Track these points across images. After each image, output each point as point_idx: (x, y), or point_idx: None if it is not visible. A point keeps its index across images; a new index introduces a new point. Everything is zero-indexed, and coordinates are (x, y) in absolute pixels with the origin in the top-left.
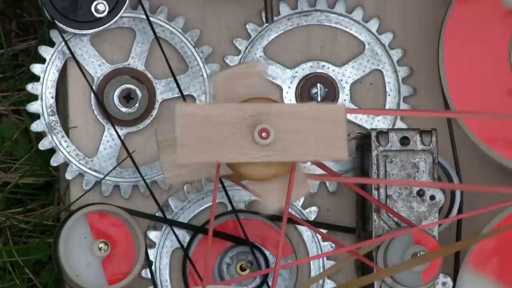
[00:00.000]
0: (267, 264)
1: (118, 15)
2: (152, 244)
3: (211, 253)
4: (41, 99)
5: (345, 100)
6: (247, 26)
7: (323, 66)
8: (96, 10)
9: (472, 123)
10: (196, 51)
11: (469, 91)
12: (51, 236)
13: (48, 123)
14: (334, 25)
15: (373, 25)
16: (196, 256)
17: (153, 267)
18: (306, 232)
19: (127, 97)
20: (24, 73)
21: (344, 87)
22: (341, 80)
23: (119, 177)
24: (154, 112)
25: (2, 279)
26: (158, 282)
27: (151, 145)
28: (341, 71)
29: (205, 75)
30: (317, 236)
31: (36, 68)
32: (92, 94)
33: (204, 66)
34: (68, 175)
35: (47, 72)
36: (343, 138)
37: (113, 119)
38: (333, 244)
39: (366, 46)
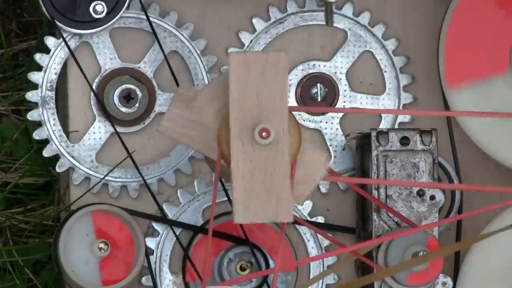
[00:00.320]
0: (267, 264)
1: (117, 17)
2: (150, 251)
3: (211, 253)
4: (45, 71)
5: (345, 91)
6: (248, 25)
7: (323, 66)
8: (95, 11)
9: (472, 122)
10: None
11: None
12: (51, 236)
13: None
14: (335, 25)
15: (377, 30)
16: (196, 256)
17: (153, 267)
18: (306, 232)
19: (127, 97)
20: (24, 73)
21: (341, 79)
22: (340, 78)
23: (123, 177)
24: (153, 113)
25: (2, 279)
26: (158, 282)
27: (151, 145)
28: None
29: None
30: (317, 236)
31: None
32: (92, 94)
33: (208, 78)
34: (58, 169)
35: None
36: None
37: (113, 119)
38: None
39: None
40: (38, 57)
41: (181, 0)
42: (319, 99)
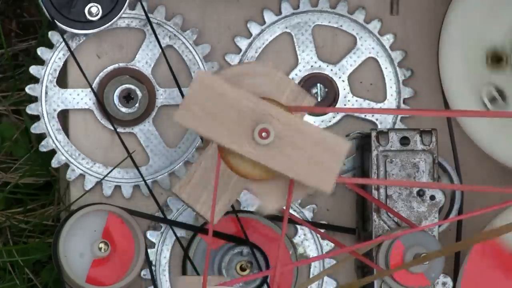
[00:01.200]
0: (267, 264)
1: (110, 22)
2: (151, 244)
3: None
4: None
5: (345, 90)
6: (248, 25)
7: (323, 66)
8: (90, 13)
9: (472, 122)
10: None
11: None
12: (51, 236)
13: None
14: (334, 25)
15: (374, 27)
16: (196, 256)
17: (153, 267)
18: (306, 232)
19: (127, 97)
20: (24, 73)
21: (343, 81)
22: (343, 80)
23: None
24: (154, 113)
25: (2, 279)
26: (158, 282)
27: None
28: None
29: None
30: (317, 236)
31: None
32: (92, 94)
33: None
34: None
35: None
36: (335, 172)
37: (113, 119)
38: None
39: (360, 42)
40: (29, 88)
41: (182, 1)
42: (319, 99)
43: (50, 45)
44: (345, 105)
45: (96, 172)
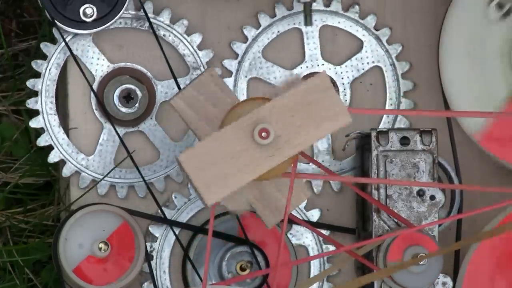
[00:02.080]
0: (267, 264)
1: (110, 22)
2: (153, 239)
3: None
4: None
5: (346, 100)
6: (245, 26)
7: (323, 66)
8: (84, 13)
9: (472, 123)
10: (198, 55)
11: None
12: (51, 236)
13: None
14: (334, 24)
15: (375, 27)
16: (196, 256)
17: (153, 267)
18: (306, 231)
19: (127, 97)
20: (24, 73)
21: (345, 87)
22: (342, 79)
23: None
24: (154, 112)
25: (2, 279)
26: (158, 282)
27: (151, 145)
28: (340, 70)
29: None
30: (317, 236)
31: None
32: (92, 94)
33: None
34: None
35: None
36: (339, 104)
37: (113, 119)
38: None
39: (365, 44)
40: (31, 83)
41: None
42: None
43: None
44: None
45: (96, 172)
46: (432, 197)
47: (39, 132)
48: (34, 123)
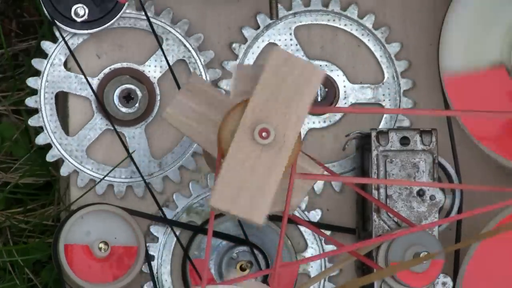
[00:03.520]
0: (267, 264)
1: (110, 22)
2: (154, 239)
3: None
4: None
5: (345, 103)
6: (244, 27)
7: (323, 66)
8: (76, 13)
9: (472, 122)
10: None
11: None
12: (51, 236)
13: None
14: (333, 24)
15: (376, 29)
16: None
17: (153, 267)
18: (307, 231)
19: (127, 97)
20: (24, 73)
21: (338, 75)
22: (337, 75)
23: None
24: (154, 112)
25: (2, 279)
26: (159, 282)
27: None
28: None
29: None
30: (318, 236)
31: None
32: (92, 94)
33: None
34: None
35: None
36: (303, 63)
37: (113, 119)
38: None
39: (366, 43)
40: (31, 82)
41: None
42: (319, 99)
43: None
44: (345, 103)
45: (97, 172)
46: (432, 197)
47: (39, 131)
48: (33, 122)
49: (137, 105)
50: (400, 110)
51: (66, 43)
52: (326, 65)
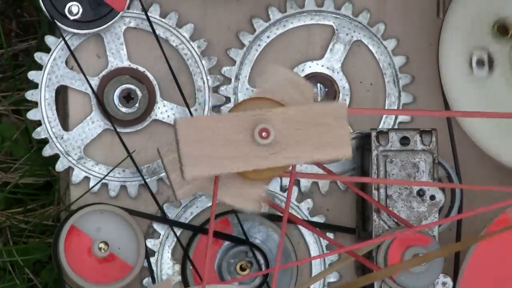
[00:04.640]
0: (267, 264)
1: (110, 22)
2: (156, 236)
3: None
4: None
5: (345, 100)
6: (246, 25)
7: (323, 66)
8: (70, 11)
9: (472, 122)
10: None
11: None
12: (51, 236)
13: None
14: (333, 24)
15: (376, 29)
16: (196, 256)
17: (152, 266)
18: (307, 231)
19: (127, 97)
20: (24, 73)
21: (338, 73)
22: (338, 73)
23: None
24: (154, 112)
25: (2, 279)
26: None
27: (151, 145)
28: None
29: (207, 84)
30: (318, 236)
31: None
32: (92, 94)
33: (207, 76)
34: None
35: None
36: (347, 134)
37: (113, 119)
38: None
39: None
40: (30, 94)
41: (181, 0)
42: (319, 99)
43: (48, 49)
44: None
45: (97, 172)
46: (432, 197)
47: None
48: (31, 115)
49: (137, 105)
50: (400, 110)
51: (65, 42)
52: (326, 65)
